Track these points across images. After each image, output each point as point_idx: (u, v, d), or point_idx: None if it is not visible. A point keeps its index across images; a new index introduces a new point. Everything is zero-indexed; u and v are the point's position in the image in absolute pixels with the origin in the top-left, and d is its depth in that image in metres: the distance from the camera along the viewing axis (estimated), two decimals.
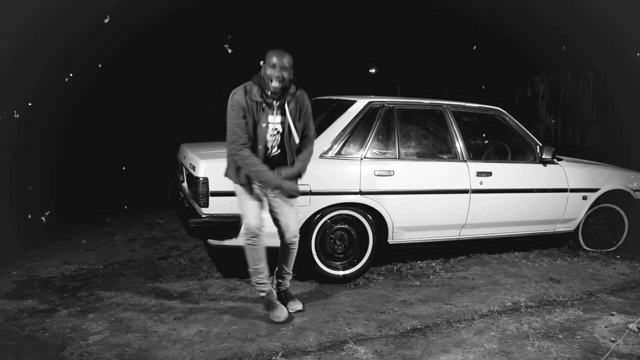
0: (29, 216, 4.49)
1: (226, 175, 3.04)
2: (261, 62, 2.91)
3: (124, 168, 5.32)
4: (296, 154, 3.00)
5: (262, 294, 3.08)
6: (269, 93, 2.86)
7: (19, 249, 4.33)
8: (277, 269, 3.25)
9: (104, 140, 8.00)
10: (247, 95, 2.86)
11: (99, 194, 6.40)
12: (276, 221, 3.11)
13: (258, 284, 3.07)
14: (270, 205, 3.08)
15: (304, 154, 3.02)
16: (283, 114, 2.92)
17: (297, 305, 3.20)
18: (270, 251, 3.62)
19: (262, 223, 2.97)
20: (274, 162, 2.95)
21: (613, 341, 2.82)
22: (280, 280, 3.26)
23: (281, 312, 3.04)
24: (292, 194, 2.96)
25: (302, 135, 3.01)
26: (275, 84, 2.82)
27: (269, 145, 2.93)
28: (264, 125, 2.87)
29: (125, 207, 5.48)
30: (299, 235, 3.14)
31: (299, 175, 2.98)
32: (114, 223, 5.35)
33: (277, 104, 2.90)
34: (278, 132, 2.93)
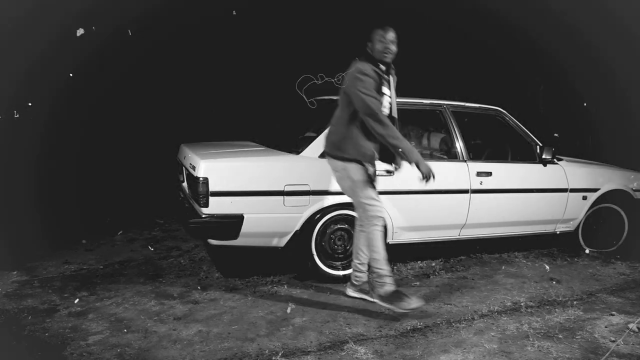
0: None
1: (338, 153, 2.95)
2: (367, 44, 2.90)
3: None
4: None
5: (393, 288, 3.07)
6: (384, 68, 2.88)
7: (19, 251, 4.33)
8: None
9: (103, 140, 7.99)
10: (373, 69, 2.87)
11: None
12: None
13: (388, 275, 3.05)
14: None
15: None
16: (389, 89, 2.94)
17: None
18: (270, 251, 3.63)
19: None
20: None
21: (613, 341, 2.82)
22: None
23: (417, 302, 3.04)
24: (428, 175, 2.85)
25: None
26: (388, 58, 2.88)
27: None
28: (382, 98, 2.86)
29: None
30: None
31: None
32: (113, 223, 5.34)
33: (389, 77, 2.92)
34: (387, 107, 2.93)
